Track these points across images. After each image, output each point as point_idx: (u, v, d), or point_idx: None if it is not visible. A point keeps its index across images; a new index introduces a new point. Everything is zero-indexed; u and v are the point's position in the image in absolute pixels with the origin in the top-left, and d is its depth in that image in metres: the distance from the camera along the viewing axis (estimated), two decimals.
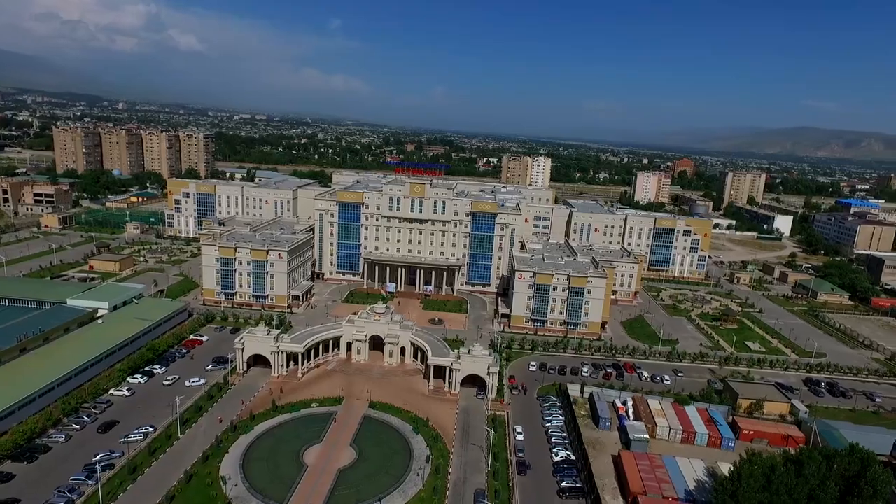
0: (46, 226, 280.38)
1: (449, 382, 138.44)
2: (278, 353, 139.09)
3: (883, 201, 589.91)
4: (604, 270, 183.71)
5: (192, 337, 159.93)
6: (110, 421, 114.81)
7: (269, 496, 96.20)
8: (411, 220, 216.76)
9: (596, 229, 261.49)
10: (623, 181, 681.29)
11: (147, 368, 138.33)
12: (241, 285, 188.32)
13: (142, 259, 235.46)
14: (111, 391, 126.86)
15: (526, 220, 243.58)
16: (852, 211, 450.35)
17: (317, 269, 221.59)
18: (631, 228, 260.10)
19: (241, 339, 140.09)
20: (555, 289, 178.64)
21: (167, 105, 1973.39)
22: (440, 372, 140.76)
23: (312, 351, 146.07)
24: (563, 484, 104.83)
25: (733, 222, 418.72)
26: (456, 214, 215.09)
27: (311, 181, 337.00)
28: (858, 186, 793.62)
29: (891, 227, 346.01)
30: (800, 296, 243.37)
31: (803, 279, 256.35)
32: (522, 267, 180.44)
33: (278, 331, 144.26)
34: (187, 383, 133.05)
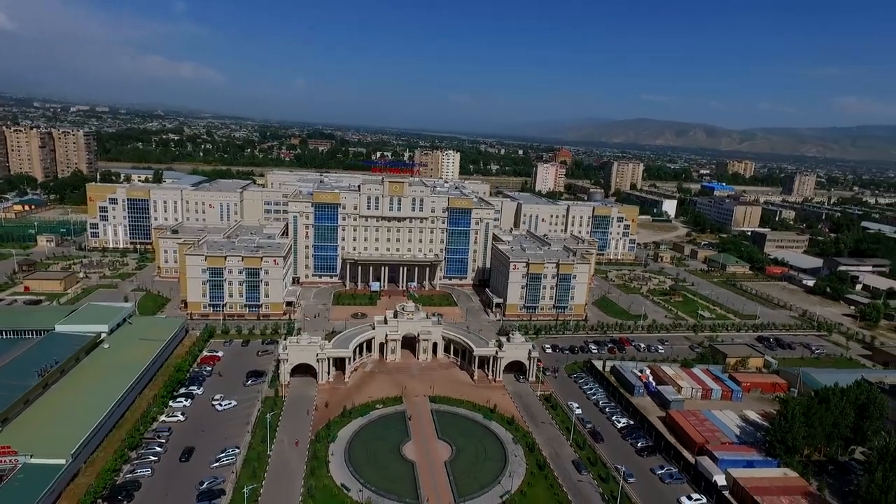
0: None
1: (492, 371, 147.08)
2: (325, 359, 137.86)
3: (724, 184, 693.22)
4: (584, 256, 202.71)
5: (205, 353, 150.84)
6: (187, 448, 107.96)
7: (402, 496, 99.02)
8: (389, 219, 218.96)
9: (543, 219, 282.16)
10: (514, 172, 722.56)
11: (184, 390, 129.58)
12: (231, 295, 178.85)
13: (82, 275, 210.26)
14: (162, 418, 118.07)
15: None
16: (716, 194, 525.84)
17: (292, 274, 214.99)
18: (573, 217, 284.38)
19: (285, 349, 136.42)
20: (545, 276, 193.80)
21: None
22: (476, 361, 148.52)
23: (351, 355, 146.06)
24: (638, 445, 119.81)
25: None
26: (433, 211, 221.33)
27: (248, 181, 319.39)
28: (702, 171, 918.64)
29: (759, 207, 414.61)
30: (713, 269, 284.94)
31: (713, 255, 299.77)
32: (517, 258, 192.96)
33: (319, 338, 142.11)
34: (230, 402, 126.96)
